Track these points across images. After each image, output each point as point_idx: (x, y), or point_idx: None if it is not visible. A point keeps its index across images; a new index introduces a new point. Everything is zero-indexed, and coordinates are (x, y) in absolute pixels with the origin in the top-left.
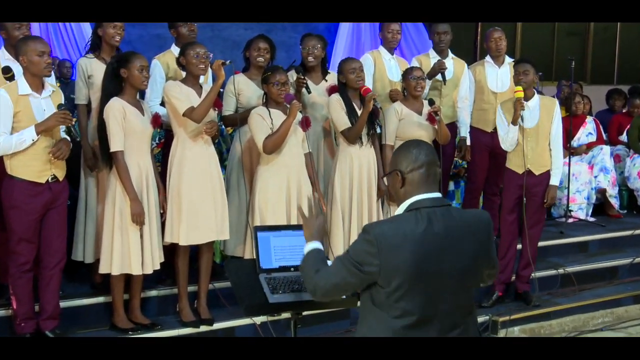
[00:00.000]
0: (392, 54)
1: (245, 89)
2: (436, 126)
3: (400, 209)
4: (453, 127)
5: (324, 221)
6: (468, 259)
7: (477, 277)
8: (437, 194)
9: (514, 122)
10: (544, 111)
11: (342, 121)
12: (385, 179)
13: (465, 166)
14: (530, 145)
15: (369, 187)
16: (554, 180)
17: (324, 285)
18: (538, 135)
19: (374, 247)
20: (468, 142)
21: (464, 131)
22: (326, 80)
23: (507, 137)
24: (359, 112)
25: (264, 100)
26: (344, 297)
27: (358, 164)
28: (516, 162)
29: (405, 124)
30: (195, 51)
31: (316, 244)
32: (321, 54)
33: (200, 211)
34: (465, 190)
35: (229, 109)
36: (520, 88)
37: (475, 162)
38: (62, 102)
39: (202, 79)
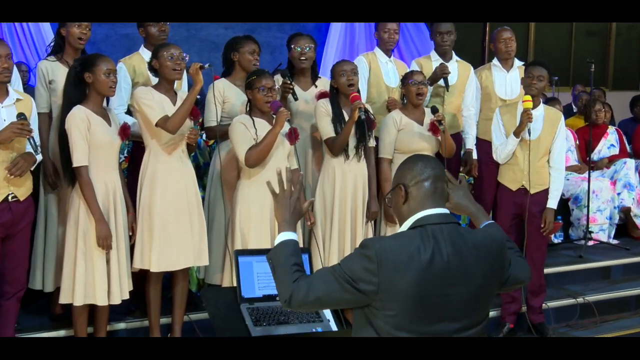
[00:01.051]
0: (390, 57)
1: (230, 96)
2: (439, 137)
3: (403, 227)
4: (458, 138)
5: (301, 199)
6: (476, 286)
7: (487, 300)
8: (444, 210)
9: (517, 135)
10: (547, 124)
11: (327, 129)
12: (387, 199)
13: (472, 182)
14: (532, 159)
15: (354, 208)
16: (552, 203)
17: (303, 298)
18: (538, 149)
19: (373, 263)
20: (475, 156)
21: (471, 143)
22: (316, 86)
23: (504, 150)
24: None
25: (247, 108)
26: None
27: (341, 180)
28: (509, 177)
29: (404, 134)
30: (169, 53)
31: (290, 235)
32: (313, 55)
33: (174, 233)
34: None
35: (212, 119)
36: (529, 97)
37: (483, 178)
38: (32, 111)
39: (176, 84)
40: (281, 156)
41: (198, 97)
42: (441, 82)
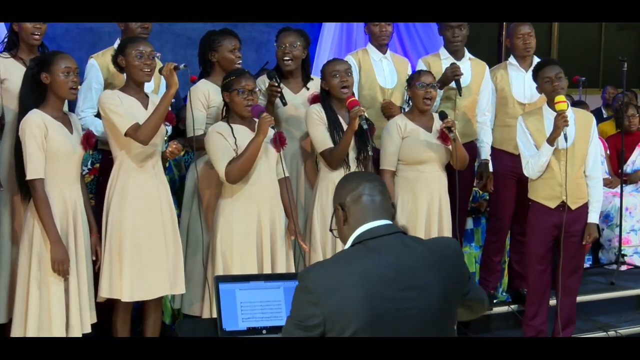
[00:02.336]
0: (385, 53)
1: (217, 99)
2: (450, 146)
3: (346, 247)
4: (472, 147)
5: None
6: (434, 296)
7: (451, 314)
8: (386, 221)
9: (551, 142)
10: (580, 128)
11: (322, 140)
12: (332, 231)
13: (487, 198)
14: (565, 170)
15: None
16: (593, 217)
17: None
18: (574, 158)
19: (312, 295)
20: (491, 168)
21: (485, 153)
22: (307, 89)
23: (538, 162)
24: (346, 128)
25: (225, 114)
26: None
27: None
28: (546, 193)
29: (410, 143)
30: (137, 50)
31: None
32: (302, 54)
33: (147, 258)
34: (488, 229)
35: (200, 127)
36: (562, 98)
37: (500, 193)
38: None
39: (150, 86)
40: (266, 167)
41: (173, 100)
42: (453, 84)
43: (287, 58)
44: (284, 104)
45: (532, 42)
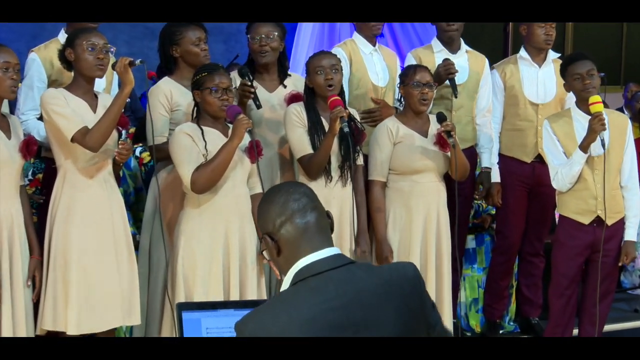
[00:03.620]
0: (374, 45)
1: (181, 101)
2: (449, 153)
3: (284, 285)
4: (472, 154)
5: None
6: (396, 335)
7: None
8: (330, 250)
9: (584, 149)
10: (614, 132)
11: (300, 145)
12: (265, 259)
13: (493, 213)
14: (600, 181)
15: (339, 245)
16: (631, 234)
17: None
18: (609, 166)
19: None
20: (495, 178)
21: (487, 160)
22: (285, 86)
23: (571, 171)
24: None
25: (194, 114)
26: None
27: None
28: (579, 208)
29: (403, 150)
30: (89, 42)
31: None
32: (279, 45)
33: (98, 284)
34: (493, 248)
35: (162, 134)
36: (598, 98)
37: (508, 206)
38: None
39: (101, 85)
40: (239, 178)
41: (128, 100)
42: (447, 82)
43: (265, 51)
44: (258, 106)
45: (554, 33)
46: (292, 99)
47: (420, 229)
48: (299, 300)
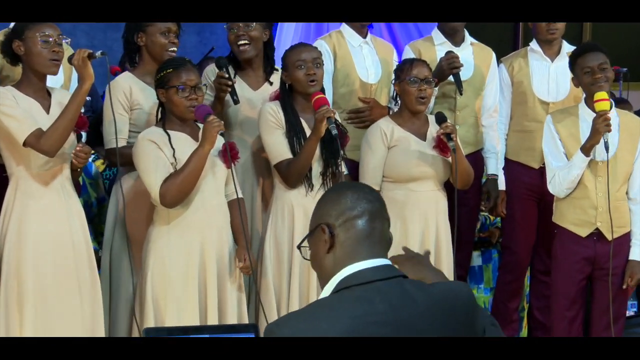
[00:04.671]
0: (365, 36)
1: (141, 99)
2: (450, 158)
3: (325, 291)
4: (478, 159)
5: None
6: None
7: None
8: (383, 260)
9: (587, 151)
10: (624, 136)
11: (277, 149)
12: (301, 248)
13: (500, 226)
14: (602, 189)
15: None
16: (638, 252)
17: None
18: (615, 173)
19: None
20: (502, 186)
21: (493, 166)
22: (271, 83)
23: (568, 176)
24: (309, 134)
25: (159, 116)
26: None
27: (303, 221)
28: (576, 218)
29: (398, 154)
30: (42, 33)
31: None
32: (261, 35)
33: (56, 307)
34: (501, 265)
35: (121, 135)
36: (604, 95)
37: (516, 219)
38: None
39: (57, 81)
40: (213, 187)
41: (87, 98)
42: (451, 78)
43: (243, 42)
44: (235, 101)
45: (558, 23)
46: (279, 97)
47: (417, 243)
48: (341, 310)
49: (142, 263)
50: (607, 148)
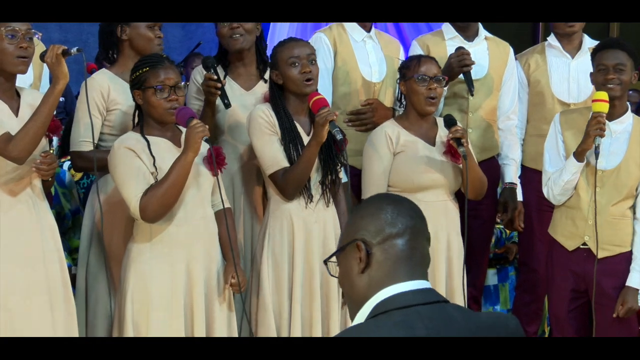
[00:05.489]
0: (369, 30)
1: (119, 98)
2: (461, 165)
3: (360, 315)
4: (492, 166)
5: None
6: None
7: None
8: (421, 283)
9: (579, 156)
10: (635, 147)
11: (273, 157)
12: (327, 263)
13: (517, 241)
14: (603, 201)
15: (325, 282)
16: (635, 279)
17: None
18: (616, 185)
19: None
20: (520, 196)
21: (511, 174)
22: (266, 80)
23: (559, 181)
24: (306, 141)
25: (137, 120)
26: None
27: (304, 236)
28: (566, 230)
29: (405, 161)
30: (8, 28)
31: None
32: (254, 28)
33: (25, 327)
34: (519, 285)
35: (86, 137)
36: (603, 95)
37: (534, 232)
38: None
39: (27, 80)
40: (198, 198)
41: (61, 99)
42: (461, 76)
43: (238, 35)
44: (227, 105)
45: None
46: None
47: None
48: (382, 332)
49: (121, 283)
50: (597, 154)
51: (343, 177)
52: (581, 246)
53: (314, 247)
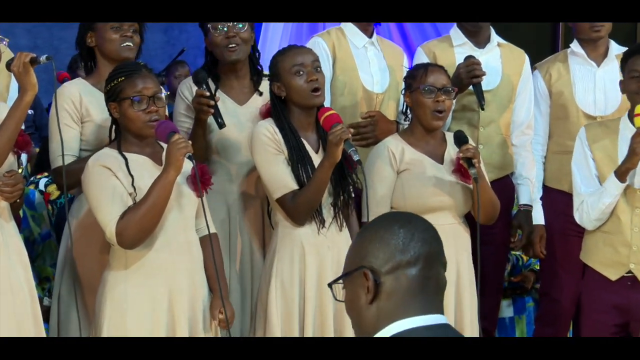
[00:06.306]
0: (371, 36)
1: (94, 110)
2: (471, 185)
3: None
4: (506, 186)
5: None
6: None
7: None
8: (437, 318)
9: (621, 176)
10: None
11: (280, 179)
12: (332, 286)
13: (536, 269)
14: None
15: (338, 313)
16: None
17: None
18: None
19: None
20: (538, 219)
21: (528, 194)
22: (260, 93)
23: (598, 204)
24: (316, 160)
25: (113, 135)
26: None
27: (317, 264)
28: (605, 257)
29: (410, 180)
30: None
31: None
32: (249, 38)
33: None
34: (538, 317)
35: (69, 151)
36: None
37: (558, 258)
38: None
39: None
40: (181, 221)
41: (30, 112)
42: (471, 88)
43: (233, 45)
44: (220, 125)
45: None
46: (268, 113)
47: None
48: None
49: (96, 316)
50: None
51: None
52: (626, 275)
53: (327, 276)
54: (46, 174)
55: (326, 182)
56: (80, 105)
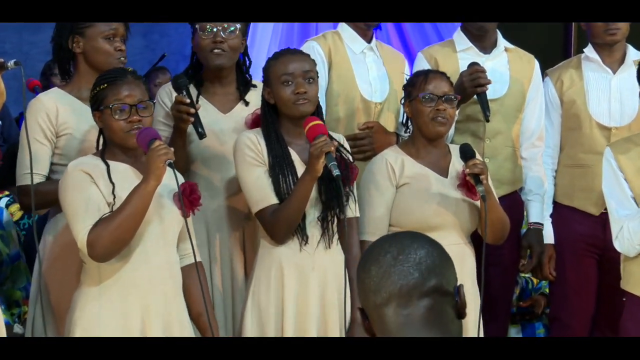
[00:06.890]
0: (370, 41)
1: (71, 121)
2: (478, 202)
3: None
4: (515, 203)
5: None
6: None
7: None
8: None
9: None
10: None
11: (259, 192)
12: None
13: (546, 292)
14: None
15: (326, 331)
16: None
17: None
18: None
19: None
20: (549, 239)
21: (538, 212)
22: (247, 103)
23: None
24: (301, 171)
25: (97, 144)
26: None
27: (296, 286)
28: None
29: (410, 196)
30: None
31: None
32: (240, 44)
33: None
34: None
35: (40, 170)
36: None
37: (569, 281)
38: None
39: None
40: (160, 236)
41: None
42: (475, 97)
43: (219, 50)
44: (201, 135)
45: (620, 22)
46: (257, 122)
47: None
48: None
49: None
50: None
51: (355, 210)
52: None
53: (310, 301)
54: (7, 192)
55: (307, 196)
56: (57, 118)
